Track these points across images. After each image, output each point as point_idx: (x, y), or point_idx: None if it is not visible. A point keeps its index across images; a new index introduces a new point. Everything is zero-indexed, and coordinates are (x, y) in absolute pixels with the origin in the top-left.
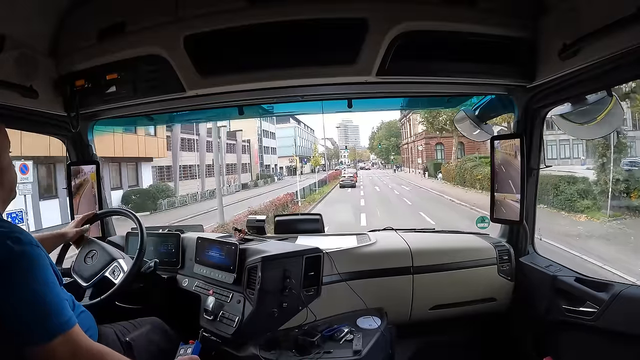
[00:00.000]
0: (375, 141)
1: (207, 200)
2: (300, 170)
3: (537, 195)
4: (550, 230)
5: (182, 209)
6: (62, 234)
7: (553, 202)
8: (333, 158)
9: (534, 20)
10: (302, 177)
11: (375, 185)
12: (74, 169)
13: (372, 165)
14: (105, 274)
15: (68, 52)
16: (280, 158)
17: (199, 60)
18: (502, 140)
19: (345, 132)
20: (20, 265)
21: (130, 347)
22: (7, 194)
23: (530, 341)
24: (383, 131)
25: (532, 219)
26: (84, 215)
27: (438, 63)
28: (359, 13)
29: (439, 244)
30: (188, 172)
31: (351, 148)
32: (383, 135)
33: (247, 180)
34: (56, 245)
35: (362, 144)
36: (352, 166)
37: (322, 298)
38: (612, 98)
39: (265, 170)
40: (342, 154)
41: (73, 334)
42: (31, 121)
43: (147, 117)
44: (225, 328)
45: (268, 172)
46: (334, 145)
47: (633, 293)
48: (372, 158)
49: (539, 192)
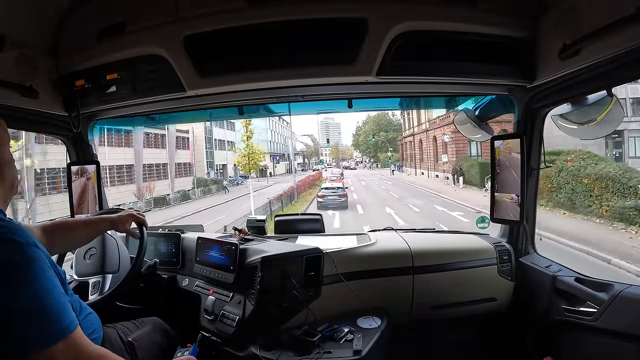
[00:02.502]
0: (361, 136)
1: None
2: (270, 171)
3: (537, 195)
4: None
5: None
6: (113, 223)
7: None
8: (313, 156)
9: (534, 20)
10: (270, 182)
11: (386, 206)
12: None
13: (357, 164)
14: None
15: (68, 52)
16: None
17: (198, 60)
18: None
19: (327, 129)
20: (18, 268)
21: (133, 347)
22: (9, 190)
23: (530, 341)
24: (370, 125)
25: (532, 219)
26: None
27: (438, 63)
28: (359, 13)
29: (439, 244)
30: (148, 172)
31: (333, 146)
32: (370, 129)
33: (191, 187)
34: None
35: (343, 142)
36: (335, 165)
37: (322, 298)
38: (612, 98)
39: (219, 173)
40: (322, 151)
41: (74, 339)
42: (31, 121)
43: (148, 117)
44: (225, 328)
45: (216, 176)
46: (314, 142)
47: (633, 293)
48: (356, 156)
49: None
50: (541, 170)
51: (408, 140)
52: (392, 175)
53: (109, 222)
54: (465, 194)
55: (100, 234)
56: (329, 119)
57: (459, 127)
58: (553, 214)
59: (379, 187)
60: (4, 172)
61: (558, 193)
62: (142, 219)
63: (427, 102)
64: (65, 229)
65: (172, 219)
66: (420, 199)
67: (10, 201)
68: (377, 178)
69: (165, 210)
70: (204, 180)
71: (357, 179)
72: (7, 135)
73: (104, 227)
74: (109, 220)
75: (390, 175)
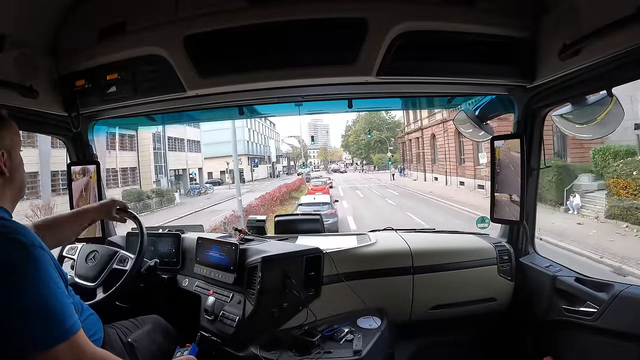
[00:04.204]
0: (351, 136)
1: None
2: (245, 177)
3: (537, 195)
4: None
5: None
6: (99, 210)
7: None
8: (300, 158)
9: (534, 20)
10: (244, 189)
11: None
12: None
13: (347, 166)
14: (114, 266)
15: (68, 52)
16: (217, 159)
17: (199, 60)
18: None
19: (315, 131)
20: (22, 268)
21: (133, 347)
22: (17, 192)
23: (530, 341)
24: (361, 123)
25: (532, 219)
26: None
27: (438, 63)
28: (359, 13)
29: (439, 244)
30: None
31: (321, 147)
32: (362, 128)
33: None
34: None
35: (332, 143)
36: (322, 168)
37: (322, 298)
38: (612, 98)
39: (175, 180)
40: (310, 153)
41: (77, 340)
42: (31, 121)
43: (148, 117)
44: (225, 328)
45: (171, 184)
46: (301, 143)
47: (633, 293)
48: (346, 158)
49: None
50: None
51: (414, 136)
52: (393, 181)
53: (95, 210)
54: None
55: (90, 222)
56: (317, 120)
57: (459, 126)
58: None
59: (384, 202)
60: (14, 174)
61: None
62: (123, 203)
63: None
64: (55, 224)
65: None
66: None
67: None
68: (375, 184)
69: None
70: (137, 193)
71: (350, 186)
72: (19, 138)
73: (91, 215)
74: (95, 208)
75: (390, 181)
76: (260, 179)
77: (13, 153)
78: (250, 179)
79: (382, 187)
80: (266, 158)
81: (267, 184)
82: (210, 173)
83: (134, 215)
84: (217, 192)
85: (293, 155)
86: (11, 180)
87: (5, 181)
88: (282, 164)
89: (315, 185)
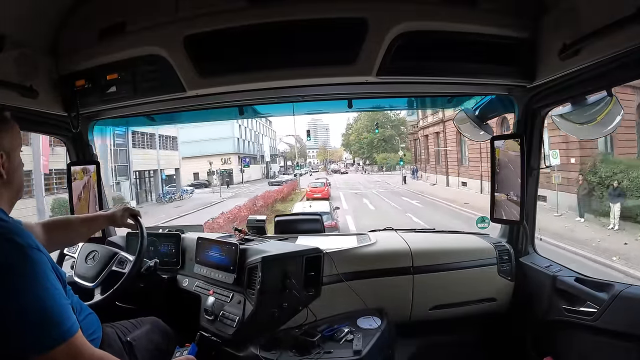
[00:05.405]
0: (353, 135)
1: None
2: (231, 179)
3: (537, 195)
4: None
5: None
6: (110, 218)
7: None
8: (299, 158)
9: (534, 20)
10: (227, 194)
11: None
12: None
13: (348, 166)
14: (112, 267)
15: (68, 52)
16: (200, 158)
17: (199, 60)
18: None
19: (315, 131)
20: (19, 269)
21: (132, 347)
22: (15, 194)
23: (530, 341)
24: (363, 121)
25: (532, 219)
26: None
27: (438, 63)
28: (359, 13)
29: (439, 244)
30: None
31: (321, 147)
32: (364, 126)
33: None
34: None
35: (332, 143)
36: (321, 169)
37: (322, 298)
38: (612, 98)
39: (145, 182)
40: (308, 152)
41: (75, 342)
42: (31, 121)
43: (148, 117)
44: (225, 328)
45: (137, 188)
46: (299, 142)
47: (633, 293)
48: (346, 157)
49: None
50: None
51: (431, 131)
52: (405, 185)
53: (106, 218)
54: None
55: (99, 229)
56: (317, 119)
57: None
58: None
59: (407, 220)
60: (12, 176)
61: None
62: (136, 211)
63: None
64: (65, 226)
65: None
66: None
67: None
68: (384, 190)
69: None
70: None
71: (353, 191)
72: (20, 139)
73: (102, 223)
74: (107, 216)
75: (402, 185)
76: (253, 180)
77: (12, 155)
78: (241, 180)
79: (395, 193)
80: (259, 157)
81: (259, 186)
82: (197, 174)
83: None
84: (197, 196)
85: (290, 154)
86: (9, 182)
87: (3, 183)
88: (278, 164)
89: (315, 186)
